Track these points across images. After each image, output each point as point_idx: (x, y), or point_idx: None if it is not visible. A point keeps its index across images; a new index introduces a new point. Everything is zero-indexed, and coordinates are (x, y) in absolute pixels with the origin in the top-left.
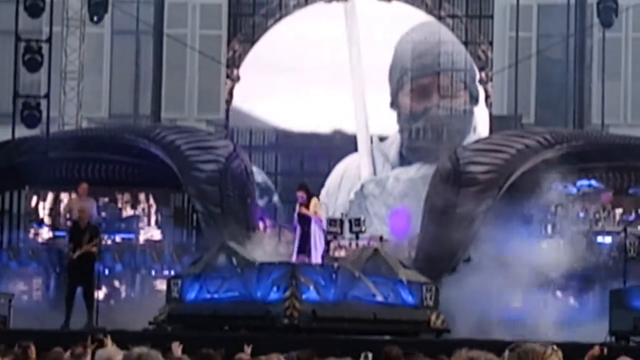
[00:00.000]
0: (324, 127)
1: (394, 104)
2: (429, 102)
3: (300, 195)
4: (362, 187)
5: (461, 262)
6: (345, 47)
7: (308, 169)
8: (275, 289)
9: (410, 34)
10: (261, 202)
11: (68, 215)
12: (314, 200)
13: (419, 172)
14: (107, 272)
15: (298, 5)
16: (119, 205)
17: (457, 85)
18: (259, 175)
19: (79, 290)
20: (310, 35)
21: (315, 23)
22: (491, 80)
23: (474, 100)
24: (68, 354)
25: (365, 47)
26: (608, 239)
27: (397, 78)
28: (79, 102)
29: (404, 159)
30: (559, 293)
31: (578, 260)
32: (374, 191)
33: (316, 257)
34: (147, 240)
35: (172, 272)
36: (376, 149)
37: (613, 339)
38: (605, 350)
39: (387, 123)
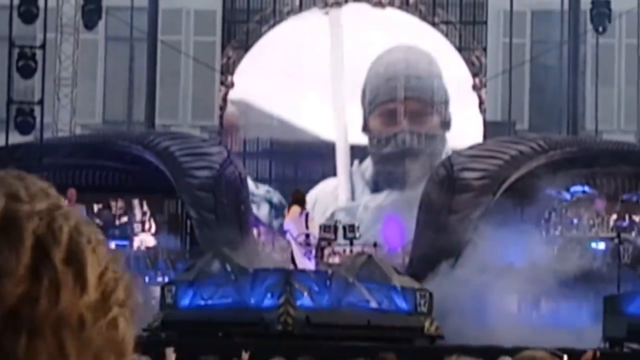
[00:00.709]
0: (318, 134)
1: (366, 128)
2: (398, 127)
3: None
4: (332, 215)
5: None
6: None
7: (302, 176)
8: (269, 295)
9: (382, 57)
10: (276, 223)
11: None
12: (292, 208)
13: (387, 199)
14: None
15: (292, 12)
16: (113, 211)
17: (427, 110)
18: (274, 196)
19: None
20: (304, 41)
21: (309, 30)
22: (485, 86)
23: (446, 125)
24: None
25: (359, 53)
26: (602, 245)
27: (368, 101)
28: (72, 109)
29: (376, 184)
30: (552, 299)
31: (572, 266)
32: (343, 220)
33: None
34: (141, 247)
35: (166, 279)
36: (356, 172)
37: (607, 345)
38: (598, 353)
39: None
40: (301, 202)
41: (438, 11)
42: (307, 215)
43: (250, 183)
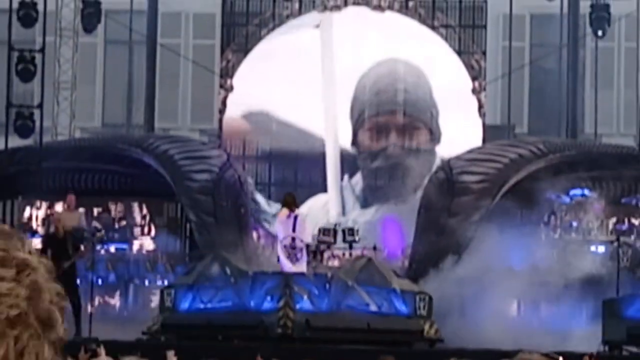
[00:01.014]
0: (318, 138)
1: (355, 142)
2: (387, 141)
3: None
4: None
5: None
6: (340, 57)
7: (302, 180)
8: (268, 298)
9: (371, 70)
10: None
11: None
12: (281, 210)
13: (376, 215)
14: (100, 282)
15: (291, 15)
16: (112, 215)
17: (416, 124)
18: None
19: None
20: (303, 47)
21: (308, 33)
22: (484, 89)
23: (436, 139)
24: None
25: (357, 60)
26: (601, 249)
27: (357, 115)
28: (72, 112)
29: (365, 199)
30: (552, 302)
31: (571, 270)
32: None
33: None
34: (141, 250)
35: (166, 282)
36: (346, 187)
37: (606, 348)
38: (595, 355)
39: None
40: (290, 205)
41: (437, 15)
42: (295, 218)
43: (262, 201)
